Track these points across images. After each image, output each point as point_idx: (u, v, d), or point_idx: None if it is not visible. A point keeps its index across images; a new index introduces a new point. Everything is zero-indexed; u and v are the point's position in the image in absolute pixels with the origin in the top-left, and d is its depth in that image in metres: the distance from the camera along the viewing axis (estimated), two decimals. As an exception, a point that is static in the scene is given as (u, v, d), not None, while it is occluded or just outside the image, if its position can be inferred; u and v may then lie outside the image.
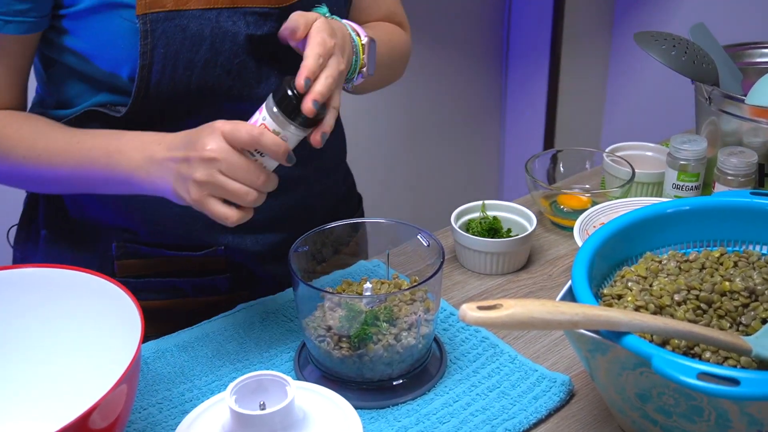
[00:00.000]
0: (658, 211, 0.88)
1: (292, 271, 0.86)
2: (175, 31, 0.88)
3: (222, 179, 0.80)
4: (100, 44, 0.90)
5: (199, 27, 0.89)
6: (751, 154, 1.11)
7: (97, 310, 0.79)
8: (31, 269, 0.81)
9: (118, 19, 0.88)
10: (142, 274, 1.04)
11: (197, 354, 0.95)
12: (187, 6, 0.89)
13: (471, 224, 1.15)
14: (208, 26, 0.90)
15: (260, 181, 0.81)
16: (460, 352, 0.94)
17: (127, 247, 1.03)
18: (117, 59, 0.91)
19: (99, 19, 0.89)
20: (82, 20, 0.89)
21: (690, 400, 0.69)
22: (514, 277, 1.11)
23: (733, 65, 1.26)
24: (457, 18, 2.29)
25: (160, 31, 0.88)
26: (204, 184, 0.80)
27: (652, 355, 0.66)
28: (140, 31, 0.87)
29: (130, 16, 0.88)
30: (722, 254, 0.87)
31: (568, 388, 0.87)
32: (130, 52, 0.89)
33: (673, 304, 0.80)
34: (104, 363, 0.78)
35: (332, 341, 0.86)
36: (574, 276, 0.78)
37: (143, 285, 1.04)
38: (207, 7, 0.90)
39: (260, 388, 0.75)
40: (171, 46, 0.89)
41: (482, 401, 0.86)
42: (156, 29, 0.88)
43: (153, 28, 0.88)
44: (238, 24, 0.91)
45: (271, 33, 0.92)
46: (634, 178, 1.20)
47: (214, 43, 0.90)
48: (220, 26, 0.90)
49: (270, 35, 0.93)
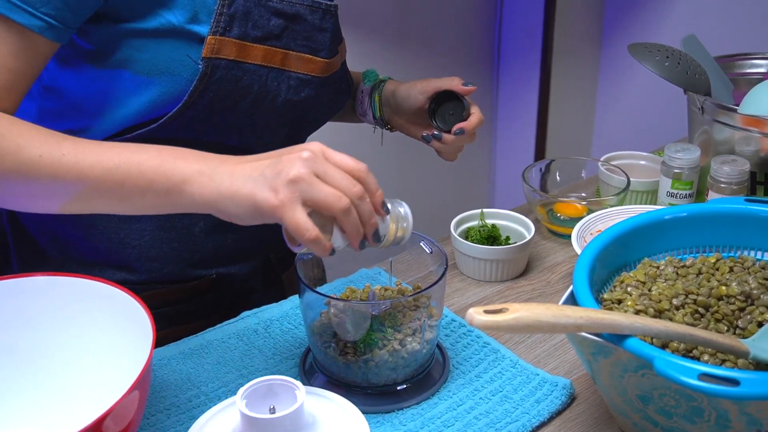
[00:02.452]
0: (655, 218, 0.90)
1: (298, 278, 0.88)
2: (229, 81, 0.91)
3: (317, 180, 0.74)
4: (155, 68, 0.90)
5: (250, 82, 0.92)
6: (744, 163, 1.13)
7: (108, 317, 0.80)
8: (42, 277, 0.82)
9: (181, 53, 0.89)
10: None
11: (203, 361, 0.96)
12: (247, 59, 0.91)
13: (470, 232, 1.16)
14: (257, 83, 0.93)
15: (356, 189, 0.74)
16: (463, 357, 0.95)
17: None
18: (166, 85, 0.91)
19: (162, 43, 0.89)
20: (144, 39, 0.89)
21: (690, 401, 0.71)
22: (513, 284, 1.12)
23: (724, 76, 1.28)
24: (447, 28, 2.31)
25: (217, 77, 0.90)
26: (298, 182, 0.73)
27: (654, 357, 0.68)
28: (200, 72, 0.89)
29: (195, 55, 0.89)
30: (718, 260, 0.90)
31: (569, 391, 0.89)
32: (180, 83, 0.90)
33: (671, 308, 0.82)
34: (116, 370, 0.79)
35: (338, 347, 0.87)
36: (575, 281, 0.80)
37: None
38: (263, 64, 0.93)
39: (270, 392, 0.76)
40: (220, 93, 0.91)
41: (485, 405, 0.88)
42: (214, 74, 0.90)
43: (212, 72, 0.89)
44: (281, 87, 0.95)
45: (304, 100, 0.97)
46: (629, 187, 1.23)
47: (256, 100, 0.94)
48: (266, 85, 0.94)
49: (302, 102, 0.97)
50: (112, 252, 1.01)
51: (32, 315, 0.82)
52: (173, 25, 0.88)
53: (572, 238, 1.10)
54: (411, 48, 2.24)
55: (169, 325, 1.05)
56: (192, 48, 0.89)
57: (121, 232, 0.99)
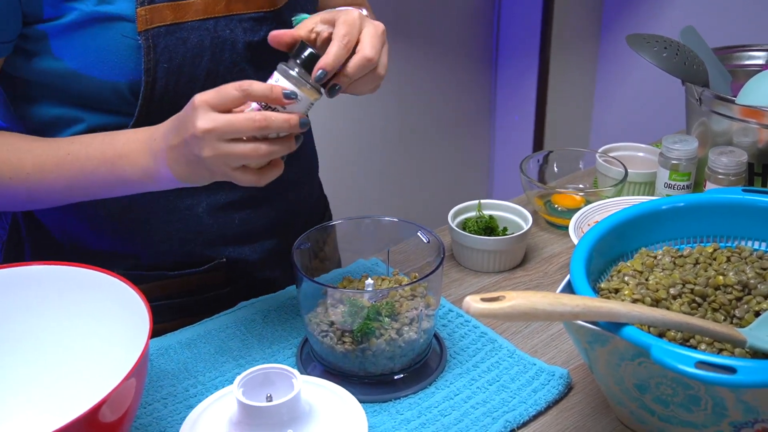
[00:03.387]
0: (652, 208, 0.90)
1: (295, 268, 0.88)
2: (177, 44, 0.88)
3: (227, 147, 0.77)
4: (92, 60, 0.87)
5: (200, 38, 0.89)
6: (741, 153, 1.13)
7: (105, 306, 0.80)
8: (38, 266, 0.82)
9: (114, 35, 0.86)
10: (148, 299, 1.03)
11: (200, 351, 0.96)
12: (186, 18, 0.88)
13: (468, 223, 1.16)
14: (207, 37, 0.89)
15: (257, 124, 0.76)
16: (460, 347, 0.95)
17: (128, 275, 0.99)
18: (113, 74, 0.88)
19: (90, 33, 0.86)
20: (69, 35, 0.86)
21: (687, 389, 0.71)
22: (510, 275, 1.12)
23: (722, 67, 1.28)
24: (446, 20, 2.31)
25: (162, 46, 0.87)
26: (215, 159, 0.78)
27: (651, 345, 0.68)
28: (143, 47, 0.86)
29: (131, 33, 0.86)
30: (715, 250, 0.90)
31: (566, 381, 0.89)
32: (127, 68, 0.87)
33: (668, 298, 0.82)
34: (113, 358, 0.79)
35: (335, 336, 0.87)
36: (572, 270, 0.80)
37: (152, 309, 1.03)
38: (204, 17, 0.89)
39: (267, 381, 0.76)
40: (174, 60, 0.88)
41: (482, 394, 0.88)
42: (158, 44, 0.87)
43: (155, 43, 0.86)
44: (235, 32, 0.91)
45: (266, 38, 0.91)
46: (627, 178, 1.23)
47: (214, 53, 0.90)
48: (218, 35, 0.90)
49: (265, 40, 0.91)
50: (118, 240, 1.00)
51: (29, 304, 0.82)
52: (87, 13, 0.85)
53: (570, 228, 1.10)
54: (409, 38, 2.24)
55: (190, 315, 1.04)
56: (124, 26, 0.86)
57: (125, 220, 0.98)
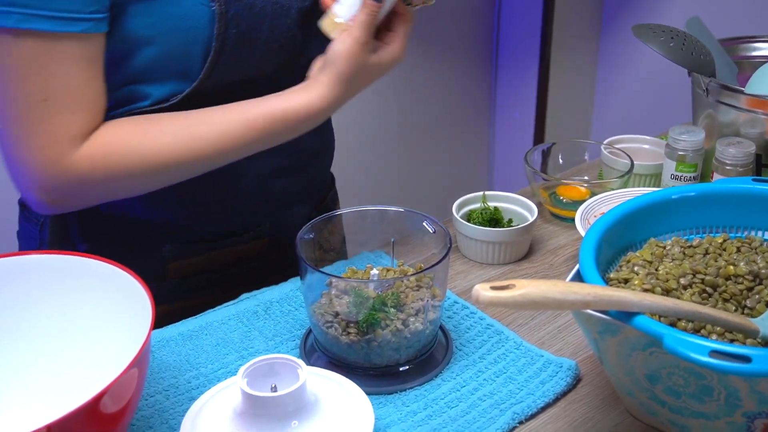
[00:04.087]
0: (662, 197, 0.89)
1: (299, 258, 0.86)
2: (244, 10, 0.90)
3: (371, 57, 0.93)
4: (166, 27, 0.89)
5: (263, 4, 0.92)
6: (749, 144, 1.12)
7: (107, 296, 0.79)
8: (40, 256, 0.81)
9: (188, 3, 0.88)
10: (193, 273, 1.06)
11: (202, 343, 0.95)
12: None
13: (472, 215, 1.15)
14: (269, 3, 0.93)
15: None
16: (466, 339, 0.94)
17: (177, 249, 1.04)
18: (186, 42, 0.90)
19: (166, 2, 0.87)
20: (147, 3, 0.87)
21: (700, 379, 0.69)
22: (515, 267, 1.11)
23: (728, 59, 1.27)
24: (447, 15, 2.30)
25: (232, 12, 0.89)
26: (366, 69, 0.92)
27: (664, 335, 0.66)
28: (216, 13, 0.88)
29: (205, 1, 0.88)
30: (725, 240, 0.88)
31: (574, 372, 0.88)
32: (199, 35, 0.89)
33: (679, 288, 0.81)
34: (115, 348, 0.78)
35: (340, 327, 0.86)
36: (582, 260, 0.79)
37: (194, 284, 1.06)
38: None
39: (272, 371, 0.75)
40: (241, 26, 0.91)
41: (489, 386, 0.86)
42: (229, 10, 0.89)
43: (227, 9, 0.89)
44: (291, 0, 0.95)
45: (313, 4, 0.97)
46: (633, 170, 1.21)
47: (273, 19, 0.93)
48: (277, 2, 0.94)
49: (313, 7, 0.97)
50: (170, 210, 1.02)
51: (31, 294, 0.81)
52: None
53: (576, 220, 1.09)
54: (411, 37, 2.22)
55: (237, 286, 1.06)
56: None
57: (177, 189, 0.96)
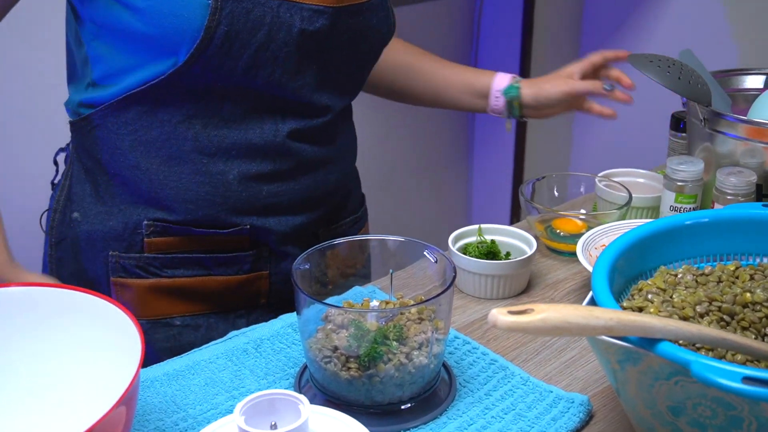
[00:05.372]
0: (674, 224, 0.86)
1: (296, 288, 0.82)
2: (241, 13, 0.93)
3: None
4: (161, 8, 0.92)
5: (262, 13, 0.95)
6: (750, 174, 1.10)
7: (97, 331, 0.74)
8: (31, 288, 0.76)
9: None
10: (170, 251, 1.07)
11: (188, 383, 0.89)
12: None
13: (468, 248, 1.11)
14: (269, 14, 0.95)
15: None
16: (469, 375, 0.89)
17: (156, 225, 1.06)
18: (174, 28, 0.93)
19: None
20: None
21: (729, 409, 0.65)
22: (515, 301, 1.07)
23: (722, 90, 1.26)
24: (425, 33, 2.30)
25: (227, 11, 0.92)
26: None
27: (691, 362, 0.63)
28: (210, 7, 0.92)
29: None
30: (737, 267, 0.85)
31: (587, 408, 0.83)
32: (189, 23, 0.92)
33: (695, 316, 0.77)
34: (103, 385, 0.73)
35: (339, 362, 0.81)
36: (595, 287, 0.75)
37: (169, 261, 1.07)
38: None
39: (272, 408, 0.70)
40: (234, 26, 0.93)
41: (498, 424, 0.82)
42: (225, 8, 0.92)
43: (222, 6, 0.92)
44: (294, 17, 0.97)
45: (319, 30, 0.98)
46: (631, 202, 1.19)
47: (270, 31, 0.96)
48: (279, 16, 0.96)
49: (318, 32, 0.98)
50: (152, 192, 1.05)
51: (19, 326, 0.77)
52: None
53: (578, 251, 1.06)
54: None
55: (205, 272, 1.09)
56: None
57: (161, 173, 1.03)
